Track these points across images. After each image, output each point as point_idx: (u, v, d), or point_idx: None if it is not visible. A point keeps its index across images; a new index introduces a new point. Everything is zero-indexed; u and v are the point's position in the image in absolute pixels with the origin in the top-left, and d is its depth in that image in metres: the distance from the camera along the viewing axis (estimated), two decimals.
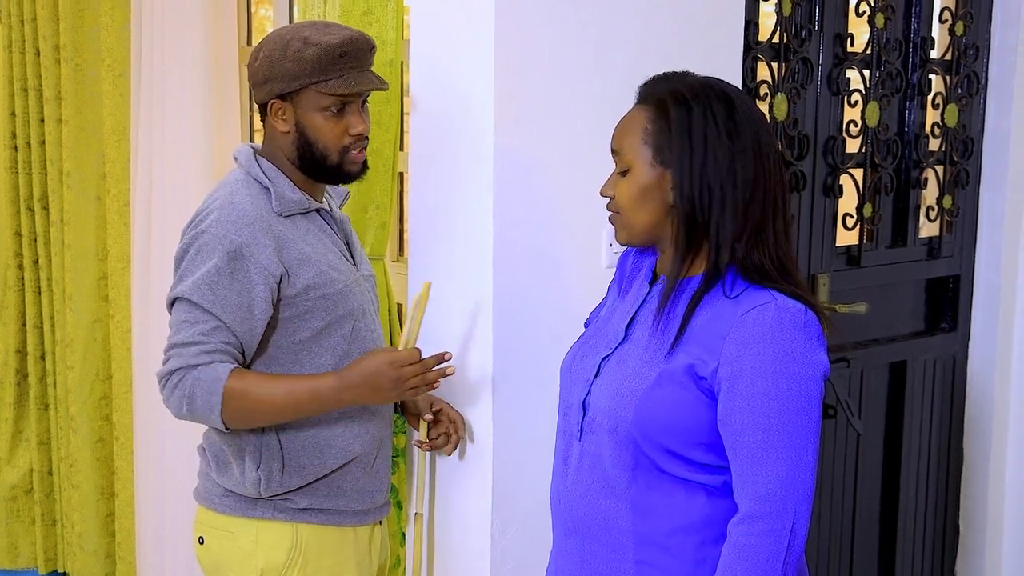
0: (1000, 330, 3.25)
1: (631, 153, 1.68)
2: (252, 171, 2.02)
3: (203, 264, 1.92)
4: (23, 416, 3.60)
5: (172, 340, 1.94)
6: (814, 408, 1.59)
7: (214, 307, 1.91)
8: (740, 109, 1.64)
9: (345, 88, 1.96)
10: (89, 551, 3.45)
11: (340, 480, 2.06)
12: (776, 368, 1.57)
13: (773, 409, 1.57)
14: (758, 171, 1.63)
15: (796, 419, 1.57)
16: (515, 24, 2.07)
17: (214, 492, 2.07)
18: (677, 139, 1.63)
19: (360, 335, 2.07)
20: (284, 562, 2.03)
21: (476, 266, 2.13)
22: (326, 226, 2.09)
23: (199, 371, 1.90)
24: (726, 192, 1.62)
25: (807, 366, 1.58)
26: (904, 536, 3.22)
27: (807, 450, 1.58)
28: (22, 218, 3.48)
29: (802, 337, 1.58)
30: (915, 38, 3.04)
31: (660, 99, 1.66)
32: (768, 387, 1.56)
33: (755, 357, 1.57)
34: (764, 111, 2.64)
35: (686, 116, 1.63)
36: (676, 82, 1.68)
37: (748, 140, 1.63)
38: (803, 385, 1.58)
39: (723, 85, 1.68)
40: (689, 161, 1.62)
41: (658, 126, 1.65)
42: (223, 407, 1.90)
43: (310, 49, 1.95)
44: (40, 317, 3.52)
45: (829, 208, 2.89)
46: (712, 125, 1.62)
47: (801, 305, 1.60)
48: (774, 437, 1.57)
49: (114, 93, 3.21)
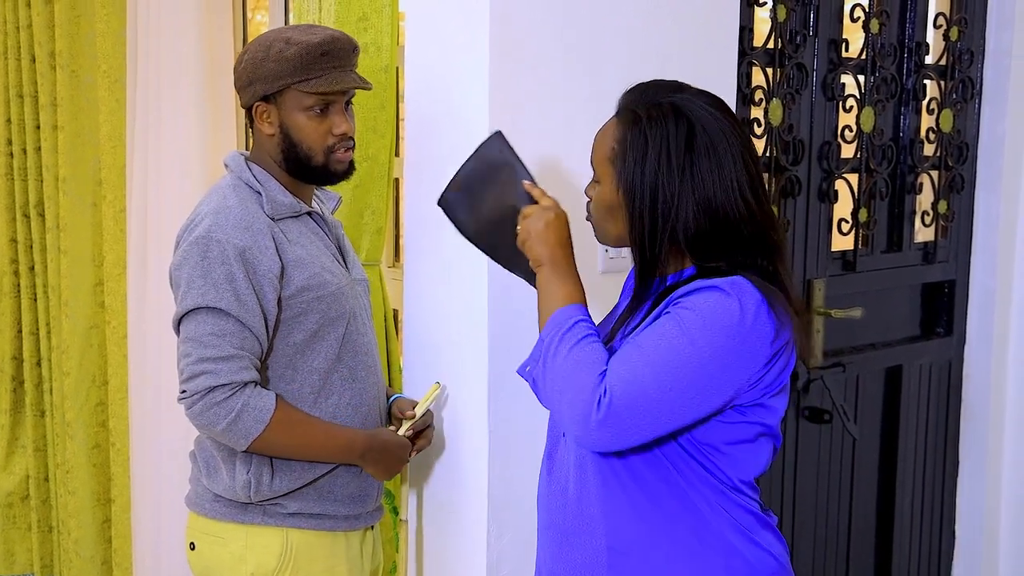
0: (996, 335, 3.25)
1: (600, 169, 1.71)
2: (243, 176, 2.02)
3: (214, 270, 1.92)
4: (19, 422, 3.59)
5: (203, 353, 1.91)
6: (709, 388, 1.56)
7: (242, 314, 1.92)
8: (700, 135, 1.61)
9: (326, 87, 1.97)
10: (85, 557, 3.44)
11: (330, 485, 2.07)
12: (707, 319, 1.55)
13: (677, 341, 1.54)
14: (720, 195, 1.61)
15: (687, 366, 1.54)
16: (510, 30, 2.08)
17: (205, 498, 2.08)
18: (630, 167, 1.63)
19: (352, 338, 2.08)
20: (275, 567, 2.03)
21: (471, 271, 2.13)
22: (318, 229, 2.10)
23: (248, 395, 1.92)
24: (677, 222, 1.61)
25: (733, 349, 1.55)
26: (900, 541, 3.22)
27: (671, 390, 1.54)
28: (18, 224, 3.48)
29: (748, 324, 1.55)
30: (910, 43, 3.04)
31: (626, 120, 1.66)
32: (689, 323, 1.55)
33: (697, 299, 1.56)
34: (759, 116, 2.66)
35: (641, 144, 1.62)
36: (648, 100, 1.66)
37: (707, 167, 1.61)
38: (713, 359, 1.55)
39: (693, 106, 1.64)
40: (640, 192, 1.62)
41: (621, 148, 1.65)
42: (261, 435, 1.93)
43: (291, 49, 1.96)
44: (36, 323, 3.52)
45: (824, 213, 2.89)
46: (664, 157, 1.61)
47: (759, 296, 1.57)
48: (655, 356, 1.54)
49: (110, 99, 3.21)
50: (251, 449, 1.95)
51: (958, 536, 3.39)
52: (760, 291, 1.58)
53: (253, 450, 1.96)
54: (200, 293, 1.92)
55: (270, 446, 1.97)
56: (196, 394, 1.91)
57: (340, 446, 2.04)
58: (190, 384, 1.92)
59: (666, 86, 1.68)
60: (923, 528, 3.29)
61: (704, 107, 1.64)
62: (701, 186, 1.61)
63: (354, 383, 2.08)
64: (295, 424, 1.98)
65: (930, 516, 3.31)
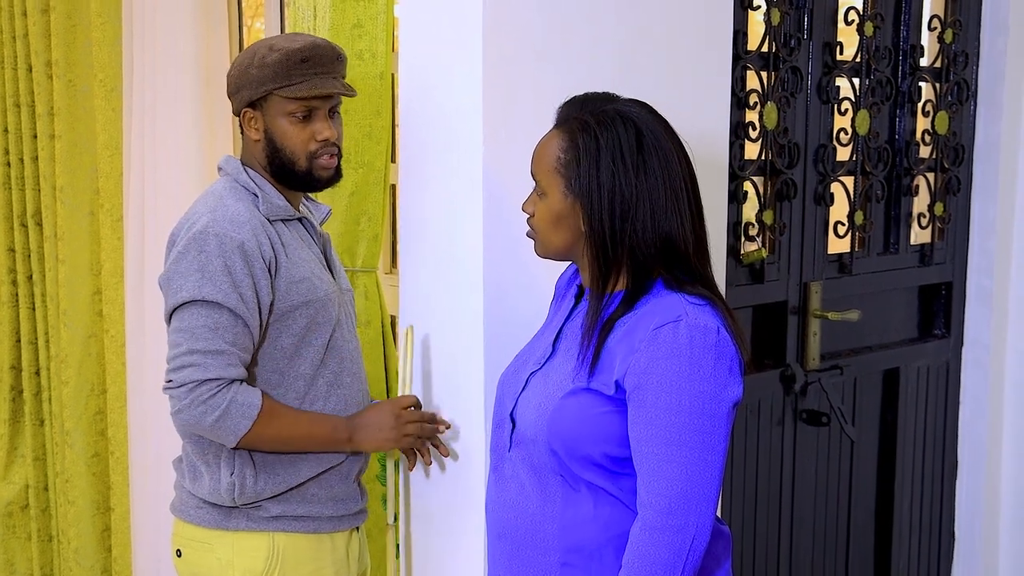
0: (993, 336, 3.25)
1: (545, 181, 1.72)
2: (240, 178, 2.05)
3: (211, 263, 1.93)
4: (18, 432, 3.59)
5: (193, 345, 1.92)
6: (719, 427, 1.62)
7: (238, 305, 1.93)
8: (648, 136, 1.66)
9: (306, 91, 1.99)
10: (85, 566, 3.44)
11: (315, 488, 2.08)
12: (681, 384, 1.60)
13: (675, 422, 1.59)
14: (668, 197, 1.66)
15: (698, 435, 1.60)
16: (503, 35, 2.08)
17: (189, 504, 2.09)
18: (585, 172, 1.66)
19: (337, 344, 2.10)
20: (262, 570, 2.04)
21: (466, 277, 2.13)
22: (307, 236, 2.12)
23: (235, 391, 1.93)
24: (636, 222, 1.65)
25: (714, 385, 1.61)
26: (899, 543, 3.22)
27: (709, 465, 1.61)
28: (15, 234, 3.48)
29: (711, 358, 1.61)
30: (904, 46, 3.05)
31: (572, 128, 1.69)
32: (672, 401, 1.60)
33: (663, 372, 1.60)
34: (754, 120, 2.67)
35: (595, 148, 1.66)
36: (590, 109, 1.70)
37: (657, 168, 1.66)
38: (707, 404, 1.60)
39: (634, 112, 1.69)
40: (598, 194, 1.65)
41: (568, 156, 1.68)
42: (248, 431, 1.94)
43: (273, 55, 1.99)
44: (34, 333, 3.52)
45: (820, 216, 2.89)
46: (619, 157, 1.65)
47: (714, 324, 1.63)
48: (675, 450, 1.60)
49: (107, 108, 3.22)
50: (240, 445, 1.96)
51: (957, 537, 3.39)
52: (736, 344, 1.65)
53: (242, 446, 1.97)
54: (196, 286, 1.93)
55: (258, 440, 1.98)
56: (182, 386, 1.92)
57: (326, 433, 2.05)
58: (177, 375, 1.93)
59: (602, 97, 1.73)
60: (922, 530, 3.29)
61: (644, 113, 1.69)
62: (654, 182, 1.65)
63: (339, 388, 2.10)
64: (280, 417, 2.00)
65: (929, 518, 3.31)
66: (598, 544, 1.69)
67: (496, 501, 1.81)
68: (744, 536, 2.82)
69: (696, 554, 1.61)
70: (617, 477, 1.67)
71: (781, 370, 2.84)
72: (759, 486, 2.84)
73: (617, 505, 1.68)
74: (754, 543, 2.86)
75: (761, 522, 2.86)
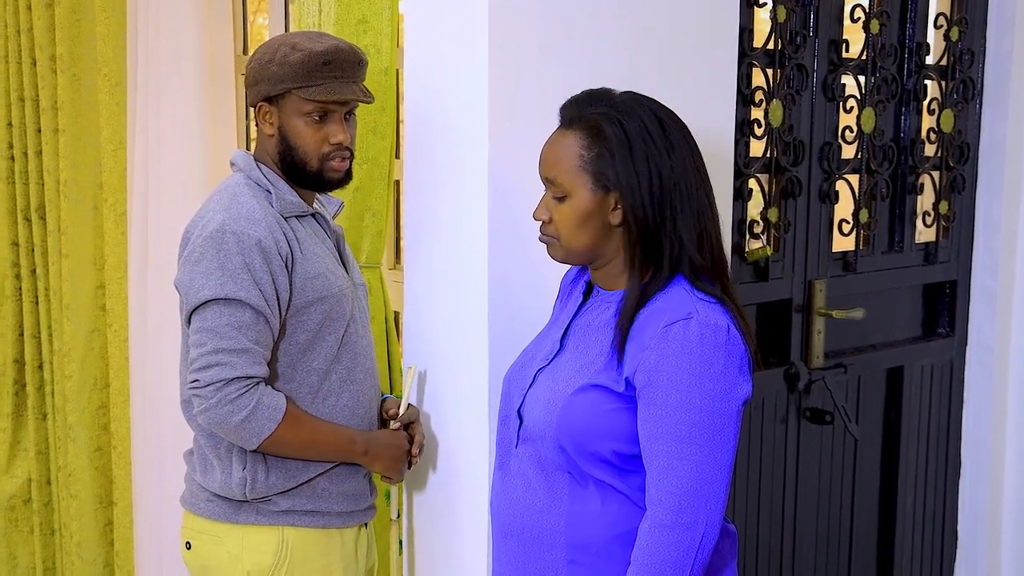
0: (997, 335, 3.25)
1: (568, 181, 1.70)
2: (252, 175, 2.05)
3: (230, 260, 1.92)
4: (21, 426, 3.59)
5: (219, 344, 1.92)
6: (729, 425, 1.62)
7: (259, 302, 1.93)
8: (668, 119, 1.68)
9: (324, 95, 1.99)
10: (88, 560, 3.45)
11: (325, 483, 2.08)
12: (692, 382, 1.60)
13: (685, 420, 1.60)
14: (696, 177, 1.67)
15: (708, 433, 1.60)
16: (509, 31, 2.08)
17: (199, 497, 2.09)
18: (620, 162, 1.65)
19: (351, 339, 2.09)
20: (271, 565, 2.04)
21: (471, 274, 2.13)
22: (321, 231, 2.12)
23: (261, 392, 1.93)
24: (676, 204, 1.65)
25: (724, 383, 1.61)
26: (902, 543, 3.22)
27: (719, 463, 1.61)
28: (19, 228, 3.48)
29: (722, 356, 1.61)
30: (910, 44, 3.04)
31: (591, 123, 1.68)
32: (682, 399, 1.60)
33: (673, 370, 1.60)
34: (759, 117, 2.66)
35: (624, 137, 1.65)
36: (602, 102, 1.70)
37: (683, 148, 1.67)
38: (718, 402, 1.60)
39: (647, 99, 1.70)
40: (637, 181, 1.64)
41: (595, 151, 1.67)
42: (272, 434, 1.95)
43: (296, 54, 1.98)
44: (38, 327, 3.52)
45: (825, 214, 2.89)
46: (650, 141, 1.65)
47: (724, 322, 1.63)
48: (685, 447, 1.60)
49: (111, 103, 3.22)
50: (260, 448, 1.96)
51: (960, 537, 3.39)
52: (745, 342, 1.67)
53: (261, 449, 1.97)
54: (218, 284, 1.92)
55: (279, 444, 1.98)
56: (209, 385, 1.91)
57: (343, 444, 2.06)
58: (203, 374, 1.92)
59: (603, 91, 1.73)
60: (925, 528, 3.29)
61: (650, 100, 1.71)
62: (684, 160, 1.66)
63: (352, 384, 2.09)
64: (302, 423, 2.00)
65: (932, 517, 3.31)
66: (605, 541, 1.68)
67: (501, 498, 1.81)
68: (747, 534, 2.82)
69: (705, 552, 1.61)
70: (625, 474, 1.67)
71: (785, 368, 2.83)
72: (762, 484, 2.83)
73: (625, 502, 1.68)
74: (757, 541, 2.85)
75: (764, 520, 2.86)
